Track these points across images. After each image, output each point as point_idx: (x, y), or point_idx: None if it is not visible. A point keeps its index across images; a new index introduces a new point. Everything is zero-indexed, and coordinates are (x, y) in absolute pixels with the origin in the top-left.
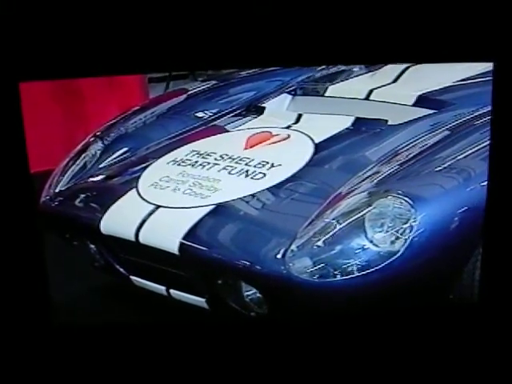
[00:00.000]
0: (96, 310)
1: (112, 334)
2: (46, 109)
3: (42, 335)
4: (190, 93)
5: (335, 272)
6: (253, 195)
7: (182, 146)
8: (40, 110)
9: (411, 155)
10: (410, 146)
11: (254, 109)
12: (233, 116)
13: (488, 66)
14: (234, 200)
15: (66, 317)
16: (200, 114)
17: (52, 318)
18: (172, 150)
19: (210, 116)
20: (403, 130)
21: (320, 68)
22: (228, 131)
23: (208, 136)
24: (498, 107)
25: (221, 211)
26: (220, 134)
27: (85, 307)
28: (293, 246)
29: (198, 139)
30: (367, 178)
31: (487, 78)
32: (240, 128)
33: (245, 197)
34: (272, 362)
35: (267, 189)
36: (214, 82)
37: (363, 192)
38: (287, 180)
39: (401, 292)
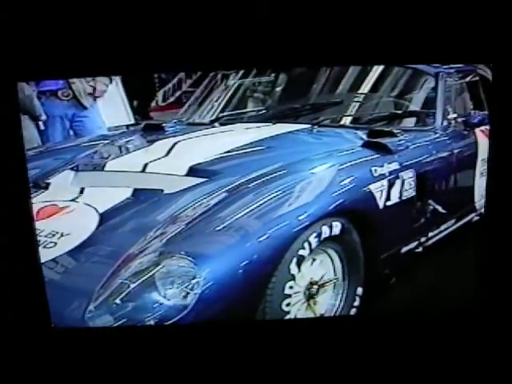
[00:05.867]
0: None
1: (109, 335)
2: None
3: (42, 337)
4: None
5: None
6: (52, 260)
7: None
8: None
9: (194, 216)
10: (190, 209)
11: (42, 184)
12: None
13: (250, 138)
14: None
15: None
16: None
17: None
18: None
19: None
20: (180, 197)
21: (100, 145)
22: None
23: None
24: (495, 110)
25: None
26: None
27: None
28: (91, 307)
29: None
30: (156, 238)
31: (249, 150)
32: None
33: (43, 263)
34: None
35: (63, 254)
36: None
37: (153, 252)
38: (78, 246)
39: None
